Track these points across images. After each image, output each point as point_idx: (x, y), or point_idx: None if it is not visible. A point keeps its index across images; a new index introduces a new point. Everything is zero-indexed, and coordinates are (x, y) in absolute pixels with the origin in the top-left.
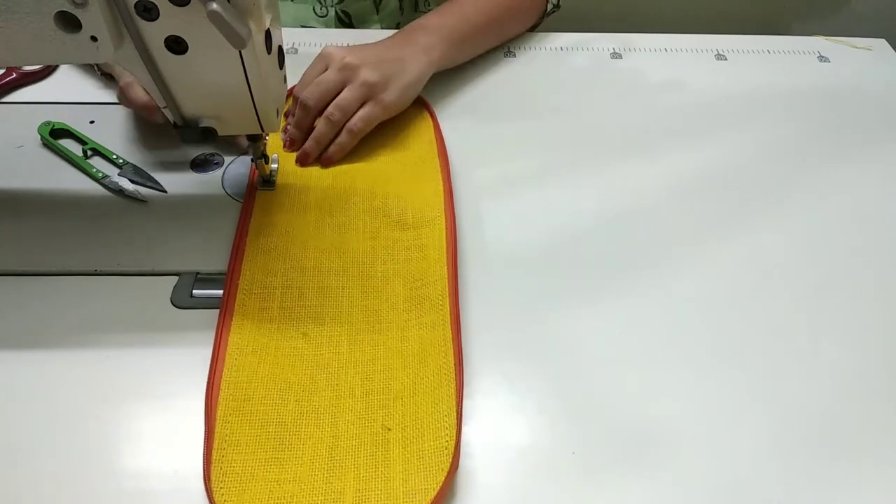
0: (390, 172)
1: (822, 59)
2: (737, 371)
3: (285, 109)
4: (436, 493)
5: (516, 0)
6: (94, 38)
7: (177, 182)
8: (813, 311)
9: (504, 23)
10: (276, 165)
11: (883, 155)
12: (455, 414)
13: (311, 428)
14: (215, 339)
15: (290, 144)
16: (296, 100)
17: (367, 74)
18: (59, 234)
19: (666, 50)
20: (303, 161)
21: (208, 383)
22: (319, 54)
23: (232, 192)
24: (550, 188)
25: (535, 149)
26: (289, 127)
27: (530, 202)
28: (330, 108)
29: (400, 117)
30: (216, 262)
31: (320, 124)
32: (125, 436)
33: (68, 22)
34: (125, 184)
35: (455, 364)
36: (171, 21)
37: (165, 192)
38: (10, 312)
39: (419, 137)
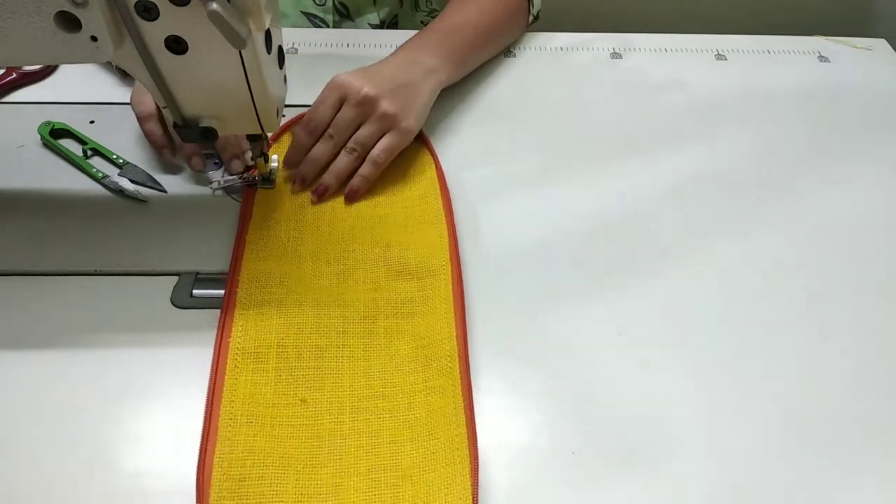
0: (392, 217)
1: (822, 59)
2: (737, 371)
3: (286, 143)
4: None
5: (504, 14)
6: (94, 38)
7: (177, 182)
8: (813, 310)
9: (497, 37)
10: (275, 164)
11: (883, 155)
12: (470, 494)
13: None
14: (206, 408)
15: (302, 182)
16: (301, 131)
17: (387, 106)
18: (59, 234)
19: (666, 50)
20: (321, 195)
21: (199, 461)
22: (331, 84)
23: (232, 192)
24: (550, 188)
25: (534, 149)
26: (284, 161)
27: (530, 202)
28: (351, 143)
29: (399, 153)
30: (216, 262)
31: (341, 157)
32: (125, 436)
33: (68, 22)
34: (125, 184)
35: (468, 436)
36: (171, 21)
37: (165, 192)
38: (10, 312)
39: (420, 174)
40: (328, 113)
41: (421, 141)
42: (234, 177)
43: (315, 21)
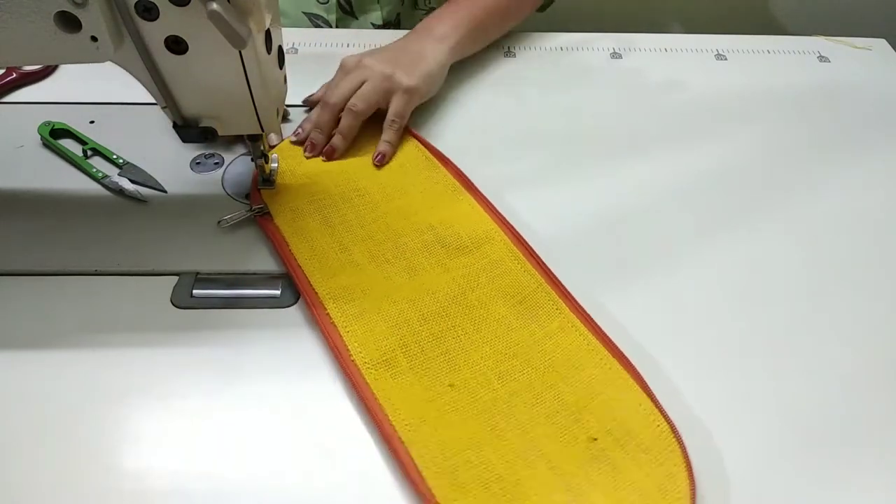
0: (414, 204)
1: (822, 59)
2: (737, 371)
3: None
4: (685, 470)
5: None
6: (94, 38)
7: (177, 182)
8: (814, 310)
9: (511, 10)
10: (275, 165)
11: (883, 155)
12: (643, 393)
13: (526, 470)
14: (377, 425)
15: (312, 148)
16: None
17: (382, 68)
18: (59, 234)
19: (666, 50)
20: (329, 155)
21: (409, 476)
22: (340, 66)
23: (232, 192)
24: (550, 188)
25: (534, 149)
26: (300, 130)
27: (530, 202)
28: (352, 100)
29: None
30: (216, 262)
31: (344, 117)
32: (125, 436)
33: (68, 22)
34: (125, 184)
35: (608, 351)
36: (171, 21)
37: (165, 192)
38: (10, 312)
39: (414, 160)
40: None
41: (406, 133)
42: (244, 211)
43: (316, 21)
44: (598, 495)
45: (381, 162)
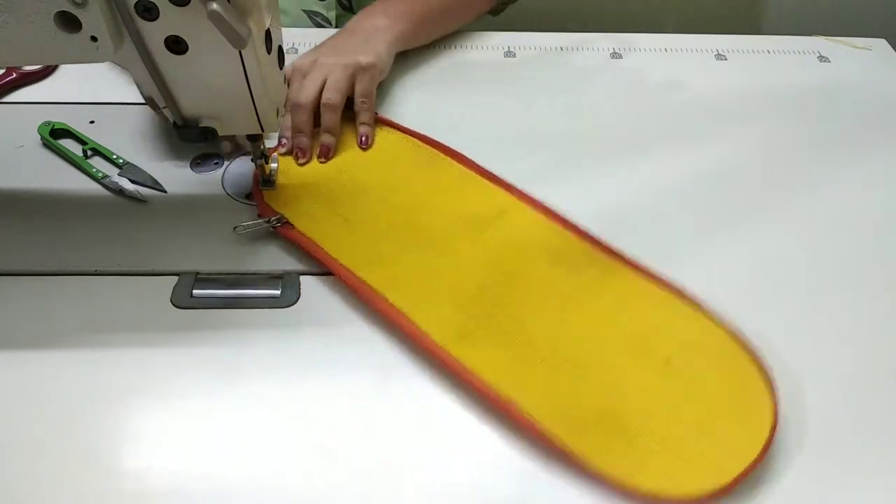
0: (421, 193)
1: (822, 59)
2: None
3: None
4: (757, 371)
5: None
6: (94, 38)
7: (177, 182)
8: (814, 310)
9: (454, 6)
10: (275, 165)
11: (883, 155)
12: (697, 311)
13: (623, 400)
14: (490, 400)
15: (303, 154)
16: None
17: (339, 58)
18: (59, 234)
19: (666, 50)
20: (325, 155)
21: (535, 430)
22: (292, 70)
23: (232, 192)
24: (550, 188)
25: (534, 149)
26: (284, 140)
27: None
28: (325, 95)
29: (364, 153)
30: (216, 262)
31: (324, 114)
32: (125, 436)
33: (68, 22)
34: (125, 184)
35: (653, 284)
36: (171, 21)
37: (165, 192)
38: (10, 312)
39: (402, 151)
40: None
41: (380, 124)
42: (260, 220)
43: (316, 19)
44: (688, 409)
45: (367, 143)
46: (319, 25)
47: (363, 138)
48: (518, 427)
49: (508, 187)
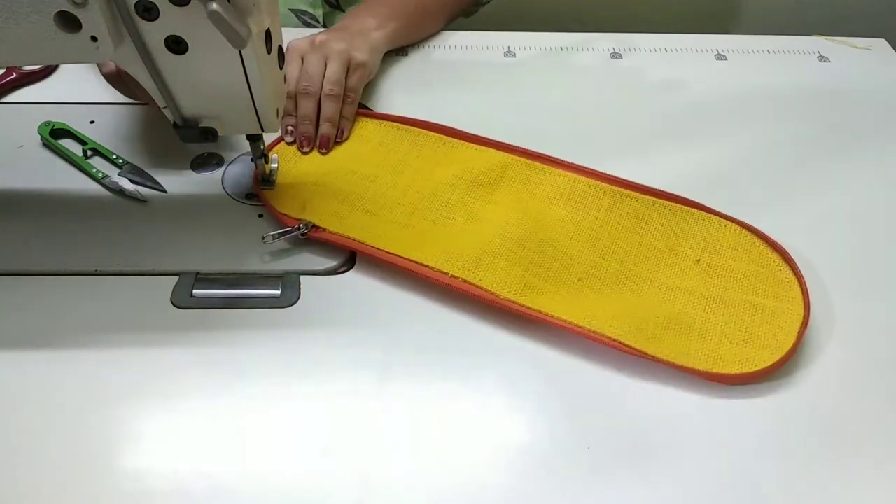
0: (424, 169)
1: (822, 59)
2: None
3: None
4: (784, 263)
5: None
6: (94, 38)
7: (177, 182)
8: (813, 309)
9: (442, 5)
10: (275, 165)
11: (883, 155)
12: (715, 216)
13: (675, 305)
14: (575, 333)
15: (309, 142)
16: (290, 101)
17: (338, 43)
18: (59, 234)
19: (666, 50)
20: (325, 145)
21: (612, 345)
22: (288, 51)
23: (232, 192)
24: None
25: (534, 149)
26: (290, 128)
27: None
28: (327, 86)
29: (352, 146)
30: (216, 262)
31: (325, 104)
32: (125, 436)
33: (68, 22)
34: (125, 184)
35: (664, 199)
36: (171, 21)
37: (165, 192)
38: (10, 312)
39: (388, 136)
40: (296, 72)
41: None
42: (289, 228)
43: (304, 18)
44: (731, 297)
45: (342, 137)
46: (307, 24)
47: (340, 131)
48: (608, 349)
49: (496, 144)
